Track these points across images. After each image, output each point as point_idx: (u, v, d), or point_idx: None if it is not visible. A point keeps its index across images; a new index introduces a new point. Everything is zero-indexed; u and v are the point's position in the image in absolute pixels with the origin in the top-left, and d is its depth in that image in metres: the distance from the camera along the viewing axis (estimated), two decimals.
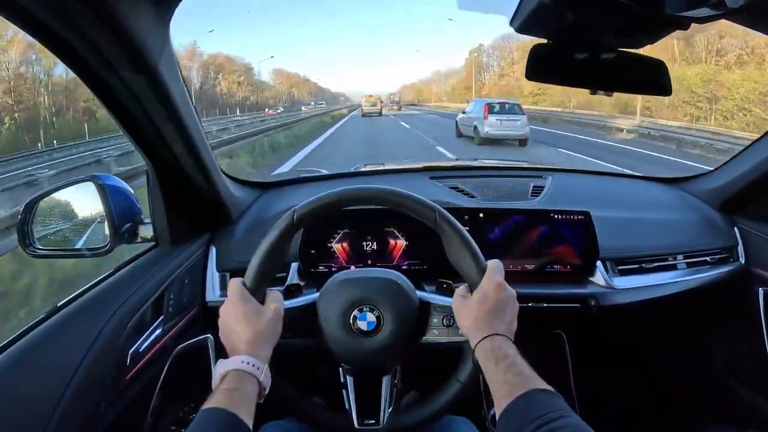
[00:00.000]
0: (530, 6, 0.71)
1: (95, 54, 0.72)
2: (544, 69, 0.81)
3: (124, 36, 0.69)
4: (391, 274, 0.92)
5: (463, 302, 0.81)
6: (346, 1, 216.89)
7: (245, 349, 0.74)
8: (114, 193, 1.04)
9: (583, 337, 1.55)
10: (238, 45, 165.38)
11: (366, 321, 0.86)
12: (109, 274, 1.01)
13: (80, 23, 0.65)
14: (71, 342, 0.82)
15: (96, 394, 0.82)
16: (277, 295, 0.83)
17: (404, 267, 1.26)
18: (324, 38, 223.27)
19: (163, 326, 1.02)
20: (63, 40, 0.69)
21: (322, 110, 50.56)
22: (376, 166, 1.88)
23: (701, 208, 1.48)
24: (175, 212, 1.10)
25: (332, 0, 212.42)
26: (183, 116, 0.91)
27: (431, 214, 0.82)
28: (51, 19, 0.65)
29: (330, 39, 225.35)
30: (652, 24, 0.76)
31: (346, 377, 0.94)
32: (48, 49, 0.71)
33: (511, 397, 0.64)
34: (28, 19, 0.65)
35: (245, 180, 1.48)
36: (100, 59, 0.73)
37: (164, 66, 0.79)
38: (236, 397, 0.67)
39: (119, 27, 0.67)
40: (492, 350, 0.73)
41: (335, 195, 0.83)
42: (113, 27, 0.66)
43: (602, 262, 1.28)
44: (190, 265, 1.15)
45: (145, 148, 0.98)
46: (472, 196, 1.46)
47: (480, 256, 0.81)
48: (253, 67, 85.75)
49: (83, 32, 0.67)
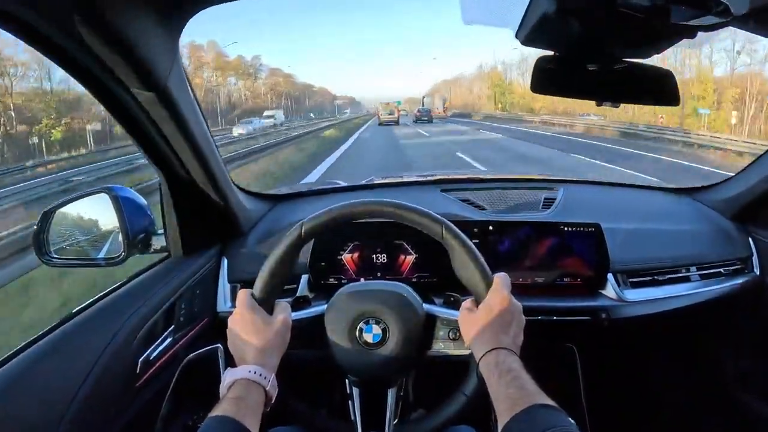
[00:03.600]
0: (535, 18, 0.71)
1: (107, 72, 0.75)
2: (550, 81, 0.81)
3: (134, 55, 0.71)
4: (398, 286, 0.93)
5: (469, 315, 0.81)
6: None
7: (253, 359, 0.75)
8: (128, 204, 1.07)
9: (594, 351, 1.53)
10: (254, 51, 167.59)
11: (372, 333, 0.87)
12: (122, 283, 1.03)
13: (92, 44, 0.67)
14: (84, 348, 0.84)
15: (106, 401, 0.84)
16: (285, 306, 0.84)
17: (413, 280, 1.26)
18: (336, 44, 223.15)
19: (174, 335, 1.03)
20: (75, 60, 0.72)
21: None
22: (388, 178, 1.88)
23: (714, 219, 1.46)
24: (187, 223, 1.12)
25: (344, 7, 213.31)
26: (193, 129, 0.93)
27: (437, 228, 0.83)
28: (65, 40, 0.68)
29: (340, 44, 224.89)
30: (659, 34, 0.76)
31: (352, 388, 0.94)
32: (62, 68, 0.74)
33: (512, 411, 0.64)
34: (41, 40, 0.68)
35: (257, 192, 1.49)
36: (112, 77, 0.76)
37: (174, 81, 0.82)
38: (243, 406, 0.68)
39: (129, 46, 0.70)
40: (496, 364, 0.73)
41: (343, 208, 0.84)
42: (123, 46, 0.69)
43: (613, 275, 1.27)
44: (202, 276, 1.16)
45: (157, 160, 1.00)
46: (483, 208, 1.46)
47: (486, 270, 0.82)
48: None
49: (95, 52, 0.69)
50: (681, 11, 0.65)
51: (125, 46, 0.69)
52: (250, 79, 71.39)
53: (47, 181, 11.66)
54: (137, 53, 0.71)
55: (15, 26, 0.64)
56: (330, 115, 70.76)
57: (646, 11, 0.65)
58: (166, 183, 1.06)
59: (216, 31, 58.13)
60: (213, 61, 63.51)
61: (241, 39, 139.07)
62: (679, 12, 0.66)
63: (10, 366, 0.75)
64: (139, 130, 0.91)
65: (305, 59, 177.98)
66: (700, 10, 0.65)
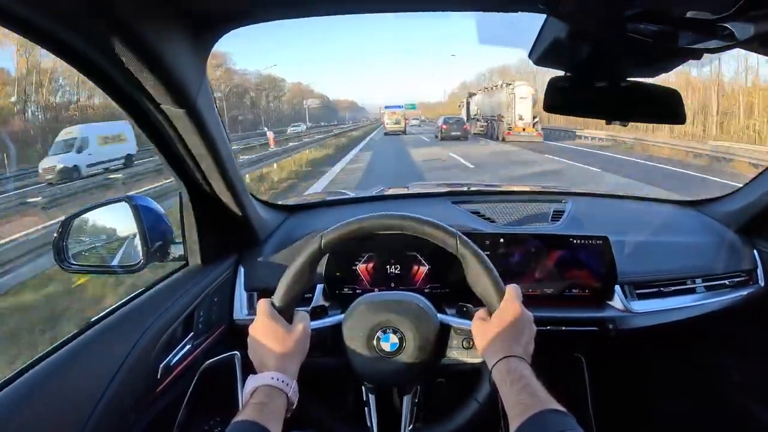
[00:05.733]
0: (548, 41, 0.75)
1: (137, 88, 0.78)
2: (563, 100, 0.84)
3: (165, 72, 0.74)
4: (414, 297, 0.95)
5: (482, 325, 0.84)
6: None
7: (275, 366, 0.77)
8: (147, 213, 1.10)
9: (601, 361, 1.54)
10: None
11: (389, 342, 0.90)
12: (141, 291, 1.05)
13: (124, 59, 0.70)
14: (106, 355, 0.86)
15: (127, 406, 0.86)
16: (304, 315, 0.87)
17: (426, 290, 1.27)
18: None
19: (193, 342, 1.06)
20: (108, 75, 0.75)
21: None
22: (399, 189, 1.91)
23: (720, 231, 1.48)
24: (205, 233, 1.15)
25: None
26: (217, 144, 0.96)
27: (452, 241, 0.86)
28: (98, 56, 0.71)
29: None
30: (666, 55, 0.79)
31: (369, 395, 0.97)
32: (93, 83, 0.77)
33: (524, 416, 0.66)
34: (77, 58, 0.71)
35: (273, 203, 1.52)
36: (143, 93, 0.79)
37: (201, 99, 0.85)
38: (266, 411, 0.70)
39: (160, 63, 0.73)
40: (508, 371, 0.75)
41: (361, 222, 0.87)
42: (155, 63, 0.72)
43: (621, 286, 1.29)
44: (219, 284, 1.19)
45: (179, 171, 1.03)
46: (493, 221, 1.48)
47: (499, 281, 0.84)
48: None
49: (127, 68, 0.72)
50: (688, 36, 0.68)
51: (156, 63, 0.72)
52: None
53: None
54: (168, 70, 0.74)
55: (52, 44, 0.67)
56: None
57: (655, 35, 0.68)
58: (187, 194, 1.09)
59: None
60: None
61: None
62: (686, 36, 0.69)
63: (34, 372, 0.77)
64: (165, 144, 0.94)
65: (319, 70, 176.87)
66: (705, 35, 0.68)
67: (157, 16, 0.69)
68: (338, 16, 0.85)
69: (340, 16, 0.83)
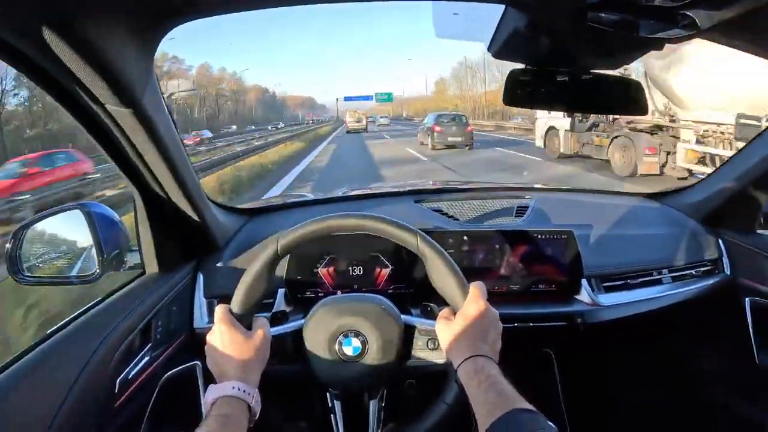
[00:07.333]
0: (506, 33, 0.73)
1: (79, 86, 0.73)
2: (522, 94, 0.83)
3: (108, 70, 0.70)
4: (375, 299, 0.93)
5: (446, 325, 0.82)
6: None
7: (235, 375, 0.75)
8: (101, 220, 1.05)
9: (571, 356, 1.55)
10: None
11: (351, 346, 0.88)
12: (97, 301, 1.00)
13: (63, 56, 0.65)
14: (58, 371, 0.81)
15: (85, 423, 0.81)
16: (263, 322, 0.84)
17: (390, 291, 1.26)
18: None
19: (152, 353, 1.01)
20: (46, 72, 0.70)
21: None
22: (361, 190, 1.88)
23: (684, 222, 1.50)
24: (161, 239, 1.10)
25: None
26: (168, 145, 0.92)
27: (413, 240, 0.84)
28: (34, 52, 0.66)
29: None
30: (627, 46, 0.78)
31: (334, 401, 0.94)
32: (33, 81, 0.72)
33: (492, 416, 0.64)
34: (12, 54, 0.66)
35: (232, 206, 1.48)
36: (85, 91, 0.74)
37: (148, 98, 0.81)
38: (228, 423, 0.68)
39: (103, 60, 0.68)
40: (474, 371, 0.73)
41: (318, 222, 0.84)
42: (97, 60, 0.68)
43: (587, 280, 1.29)
44: (178, 292, 1.15)
45: (131, 176, 0.98)
46: (456, 218, 1.47)
47: (462, 279, 0.82)
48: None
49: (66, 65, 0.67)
50: (649, 25, 0.67)
51: (99, 59, 0.68)
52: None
53: None
54: (111, 67, 0.70)
55: None
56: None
57: (615, 25, 0.66)
58: (140, 198, 1.04)
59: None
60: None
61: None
62: (647, 25, 0.67)
63: None
64: (113, 145, 0.89)
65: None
66: (667, 24, 0.66)
67: (98, 9, 0.64)
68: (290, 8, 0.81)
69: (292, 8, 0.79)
